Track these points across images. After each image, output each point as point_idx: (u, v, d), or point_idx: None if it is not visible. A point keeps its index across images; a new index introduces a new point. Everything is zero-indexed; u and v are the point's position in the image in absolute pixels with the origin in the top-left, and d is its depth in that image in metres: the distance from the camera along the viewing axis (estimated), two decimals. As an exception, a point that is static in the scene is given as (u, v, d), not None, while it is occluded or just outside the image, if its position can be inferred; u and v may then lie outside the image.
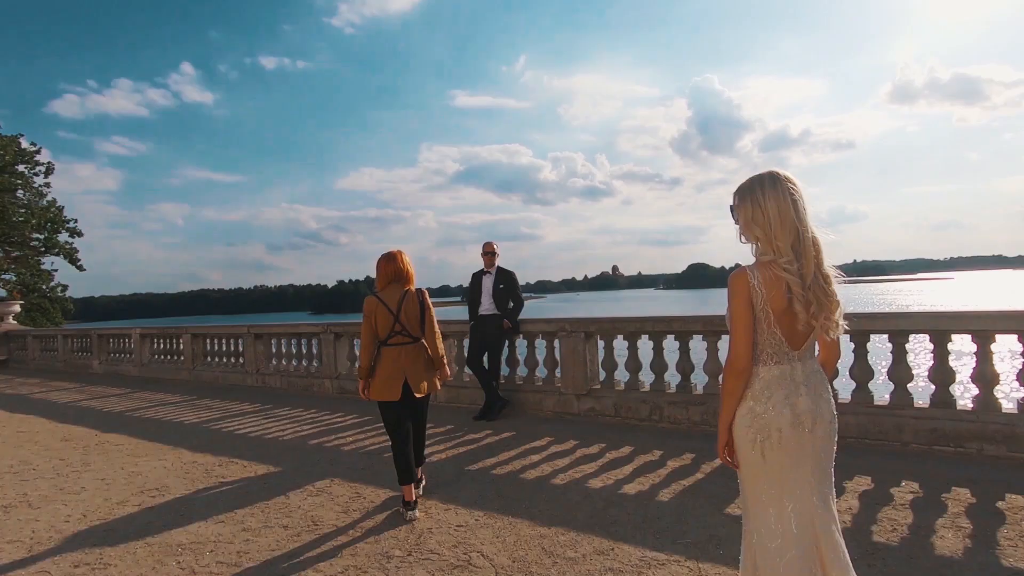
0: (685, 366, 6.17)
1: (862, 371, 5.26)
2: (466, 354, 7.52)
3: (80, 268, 32.87)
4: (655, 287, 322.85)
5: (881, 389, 5.48)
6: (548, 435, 6.05)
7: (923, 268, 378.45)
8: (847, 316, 2.24)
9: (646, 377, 6.58)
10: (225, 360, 11.36)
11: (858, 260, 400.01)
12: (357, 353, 9.12)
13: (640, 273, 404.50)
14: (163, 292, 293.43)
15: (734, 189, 2.32)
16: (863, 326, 5.15)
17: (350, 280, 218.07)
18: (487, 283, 7.15)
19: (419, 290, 4.42)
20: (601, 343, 6.75)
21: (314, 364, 9.73)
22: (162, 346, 12.74)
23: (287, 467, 5.45)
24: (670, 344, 6.37)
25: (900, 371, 5.11)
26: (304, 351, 9.97)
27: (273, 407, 8.49)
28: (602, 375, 6.77)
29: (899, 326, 5.12)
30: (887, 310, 6.10)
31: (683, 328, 6.12)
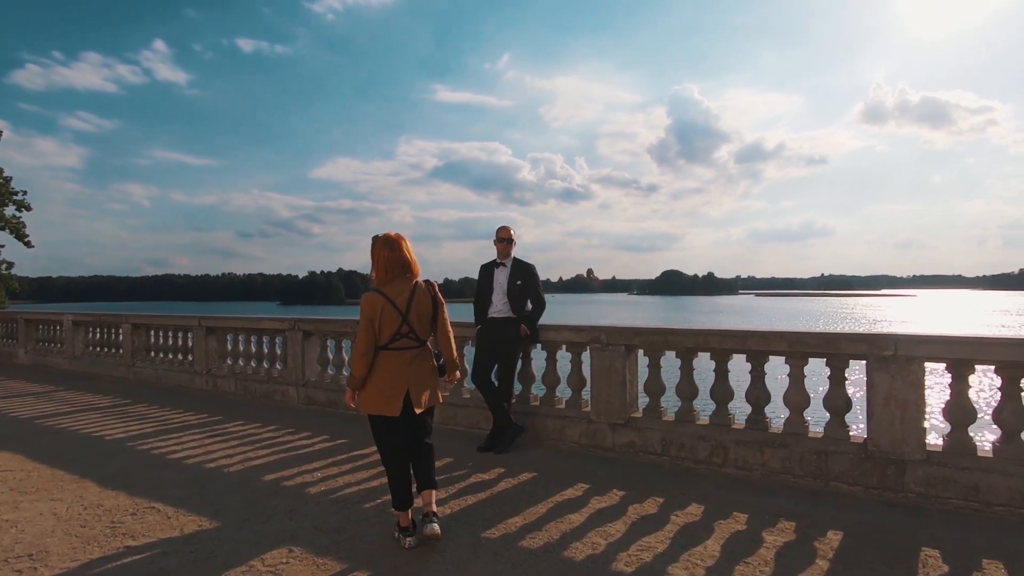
0: (759, 394, 4.79)
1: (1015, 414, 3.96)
2: (469, 366, 6.04)
3: (28, 244, 30.14)
4: (629, 292, 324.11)
5: None
6: (581, 479, 4.62)
7: (887, 284, 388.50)
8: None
9: (701, 406, 5.20)
10: (171, 356, 9.63)
11: (826, 274, 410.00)
12: (330, 357, 7.56)
13: (614, 277, 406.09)
14: (126, 275, 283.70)
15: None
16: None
17: (322, 272, 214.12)
18: (500, 277, 5.67)
19: (428, 282, 3.56)
20: (645, 360, 5.34)
21: (277, 367, 8.12)
22: (98, 336, 10.92)
23: (227, 522, 3.90)
24: (736, 365, 5.00)
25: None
26: (266, 351, 8.34)
27: (223, 420, 6.88)
28: (643, 400, 5.36)
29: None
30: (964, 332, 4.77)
31: (761, 347, 4.73)
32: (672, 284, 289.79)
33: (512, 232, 5.70)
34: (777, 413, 4.89)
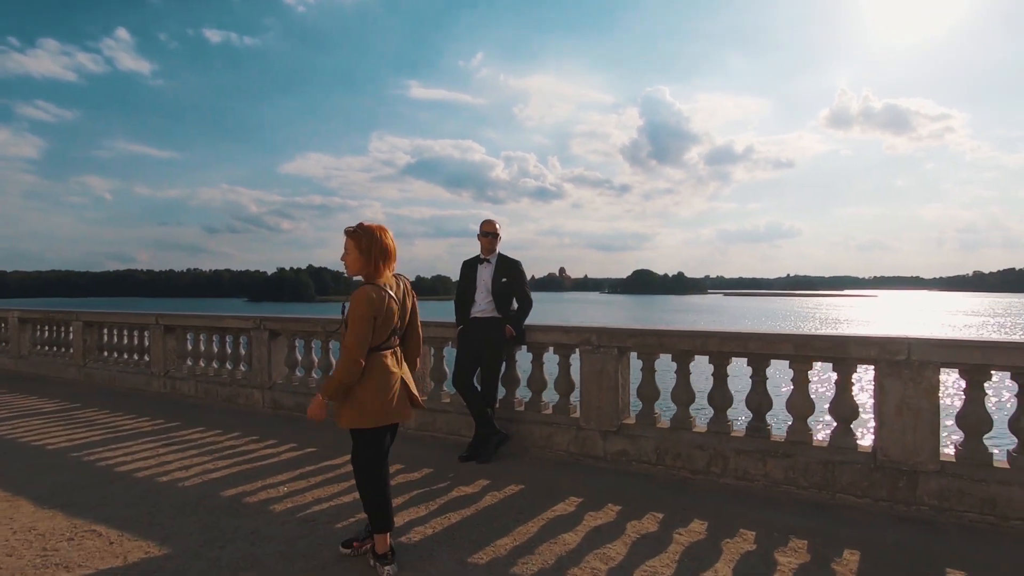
0: (760, 400, 4.51)
1: (1033, 424, 3.74)
2: (449, 368, 5.66)
3: (-24, 237, 28.82)
4: (600, 291, 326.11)
5: None
6: (572, 492, 4.28)
7: (849, 285, 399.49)
8: None
9: (699, 413, 4.92)
10: (126, 357, 8.99)
11: (791, 274, 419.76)
12: (299, 358, 7.08)
13: (586, 276, 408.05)
14: (85, 271, 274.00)
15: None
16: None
17: (291, 268, 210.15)
18: (484, 274, 5.30)
19: (403, 276, 3.31)
20: (638, 363, 5.04)
21: (241, 368, 7.60)
22: (47, 335, 10.19)
23: (179, 548, 3.45)
24: (737, 369, 4.71)
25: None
26: (229, 351, 7.81)
27: (181, 426, 6.36)
28: (637, 406, 5.06)
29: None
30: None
31: (764, 349, 4.46)
32: (643, 283, 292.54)
33: (497, 226, 5.33)
34: (780, 420, 4.64)
